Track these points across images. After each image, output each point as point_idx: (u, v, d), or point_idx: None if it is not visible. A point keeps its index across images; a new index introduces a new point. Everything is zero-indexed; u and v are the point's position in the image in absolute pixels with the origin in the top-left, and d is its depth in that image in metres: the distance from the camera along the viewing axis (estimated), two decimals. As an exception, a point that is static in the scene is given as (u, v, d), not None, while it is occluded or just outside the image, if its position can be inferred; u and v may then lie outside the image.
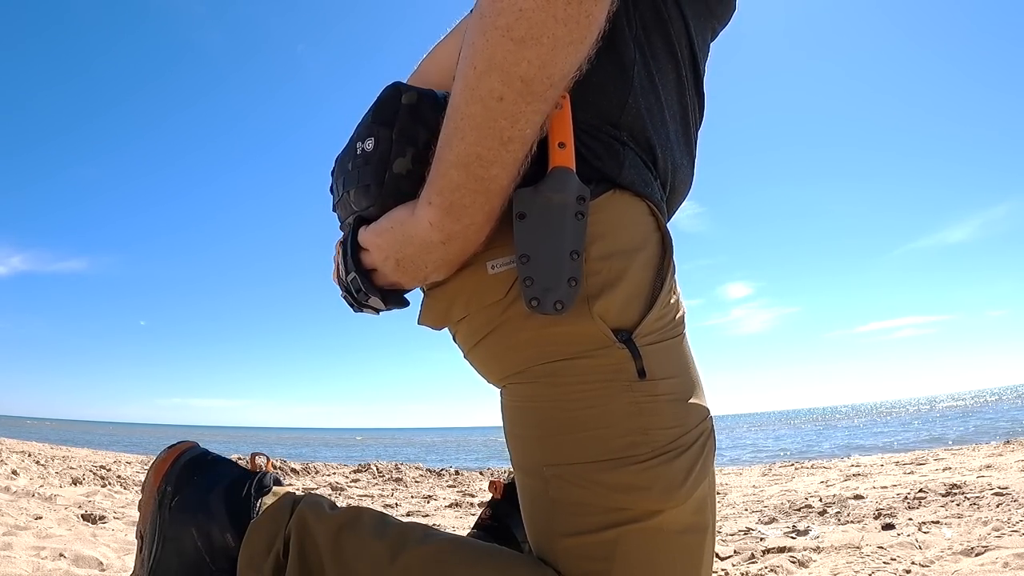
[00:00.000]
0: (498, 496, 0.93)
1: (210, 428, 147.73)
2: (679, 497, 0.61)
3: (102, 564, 1.91)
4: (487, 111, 0.52)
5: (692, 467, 0.62)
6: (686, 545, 0.63)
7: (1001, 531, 2.02)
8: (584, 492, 0.61)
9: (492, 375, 0.68)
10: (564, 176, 0.58)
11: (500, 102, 0.51)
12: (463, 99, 0.53)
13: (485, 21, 0.50)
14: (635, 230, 0.63)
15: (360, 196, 0.64)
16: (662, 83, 0.68)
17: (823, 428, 23.71)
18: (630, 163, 0.64)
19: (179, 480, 0.74)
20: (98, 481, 4.25)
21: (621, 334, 0.60)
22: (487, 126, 0.52)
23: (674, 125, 0.70)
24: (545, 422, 0.62)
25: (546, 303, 0.57)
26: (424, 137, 0.60)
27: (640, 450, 0.60)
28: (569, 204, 0.58)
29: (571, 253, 0.58)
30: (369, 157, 0.62)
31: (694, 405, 0.64)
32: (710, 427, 0.66)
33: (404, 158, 0.60)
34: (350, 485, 4.88)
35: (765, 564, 1.93)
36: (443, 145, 0.55)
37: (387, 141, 0.61)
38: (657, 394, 0.61)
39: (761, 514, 2.94)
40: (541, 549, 0.65)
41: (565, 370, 0.61)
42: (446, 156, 0.55)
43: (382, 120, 0.62)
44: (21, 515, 2.56)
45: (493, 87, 0.51)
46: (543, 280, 0.57)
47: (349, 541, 0.67)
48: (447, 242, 0.58)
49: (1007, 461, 4.01)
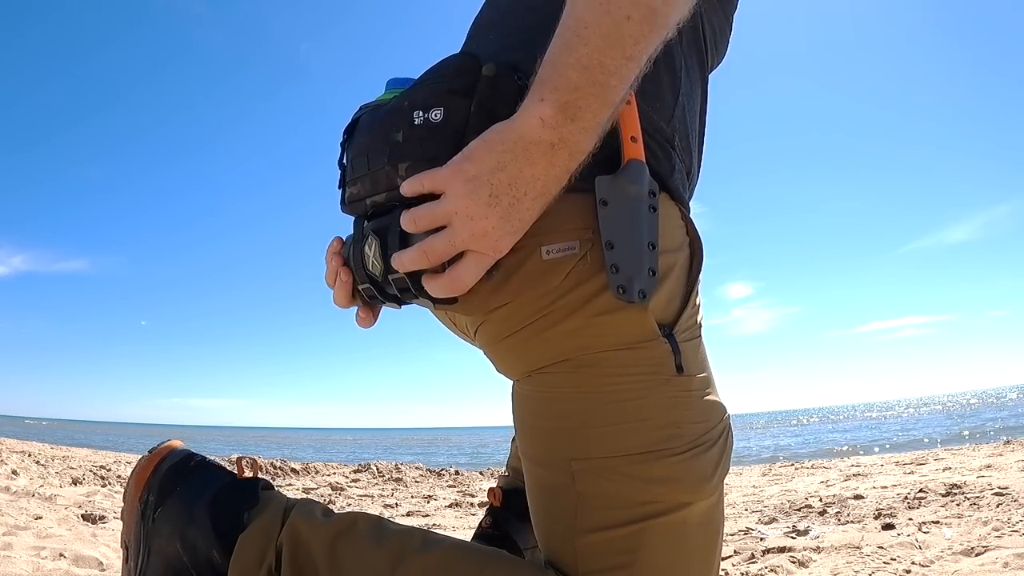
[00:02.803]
0: (497, 504, 0.92)
1: (210, 428, 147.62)
2: (708, 489, 0.62)
3: (102, 564, 1.91)
4: (615, 24, 0.52)
5: (718, 461, 0.63)
6: (704, 538, 0.64)
7: (1001, 531, 2.02)
8: (616, 485, 0.61)
9: (524, 365, 0.65)
10: (640, 168, 0.59)
11: (628, 20, 0.52)
12: (588, 9, 0.52)
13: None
14: (676, 233, 0.65)
15: (421, 170, 0.56)
16: (695, 91, 0.72)
17: (823, 428, 23.70)
18: (678, 168, 0.66)
19: (161, 489, 0.70)
20: (98, 481, 4.25)
21: (664, 329, 0.61)
22: (614, 36, 0.52)
23: (699, 130, 0.74)
24: (579, 413, 0.62)
25: (632, 291, 0.57)
26: (504, 113, 0.55)
27: (676, 443, 0.60)
28: (644, 196, 0.59)
29: (649, 244, 0.59)
30: (437, 128, 0.57)
31: (716, 402, 0.65)
32: (729, 424, 0.67)
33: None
34: (350, 485, 4.88)
35: (765, 564, 1.93)
36: (560, 49, 0.53)
37: (463, 111, 0.57)
38: (691, 389, 0.62)
39: (761, 514, 2.94)
40: (555, 546, 0.64)
41: (610, 361, 0.60)
42: (564, 59, 0.53)
43: (459, 89, 0.57)
44: (21, 515, 2.56)
45: (622, 4, 0.51)
46: (627, 268, 0.57)
47: (346, 551, 0.64)
48: (557, 145, 0.53)
49: (1007, 461, 4.01)
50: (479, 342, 0.70)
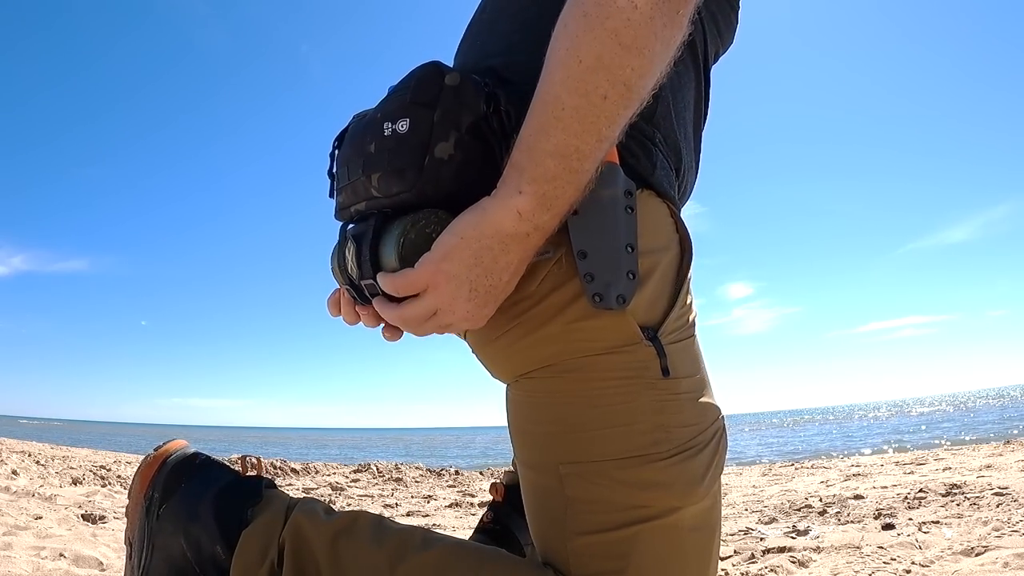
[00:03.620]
0: (499, 499, 0.92)
1: (210, 428, 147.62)
2: (698, 494, 0.61)
3: (102, 564, 1.91)
4: (592, 107, 0.52)
5: (710, 464, 0.63)
6: (697, 542, 0.63)
7: (1001, 531, 2.02)
8: (603, 489, 0.61)
9: (509, 370, 0.67)
10: (612, 171, 0.58)
11: (604, 101, 0.52)
12: (565, 89, 0.52)
13: (591, 20, 0.50)
14: (661, 231, 0.64)
15: (390, 181, 0.58)
16: (687, 84, 0.70)
17: (823, 428, 23.71)
18: (660, 164, 0.65)
19: (166, 486, 0.71)
20: (98, 481, 4.25)
21: (647, 331, 0.61)
22: (590, 119, 0.52)
23: (691, 126, 0.72)
24: (566, 418, 0.62)
25: (609, 298, 0.57)
26: (468, 121, 0.57)
27: (663, 447, 0.60)
28: (619, 199, 0.58)
29: (626, 247, 0.58)
30: (405, 139, 0.58)
31: (709, 404, 0.65)
32: (722, 426, 0.67)
33: (447, 142, 0.57)
34: (350, 485, 4.88)
35: (765, 564, 1.93)
36: (536, 132, 0.53)
37: (427, 123, 0.57)
38: (679, 392, 0.62)
39: (761, 514, 2.93)
40: (549, 548, 0.65)
41: (593, 365, 0.60)
42: (542, 145, 0.53)
43: (422, 100, 0.58)
44: (21, 515, 2.56)
45: (599, 84, 0.51)
46: (603, 275, 0.57)
47: (346, 549, 0.65)
48: (532, 234, 0.56)
49: (1007, 461, 4.01)
50: (470, 346, 0.71)
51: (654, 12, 0.50)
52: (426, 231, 0.58)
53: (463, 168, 0.57)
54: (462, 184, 0.58)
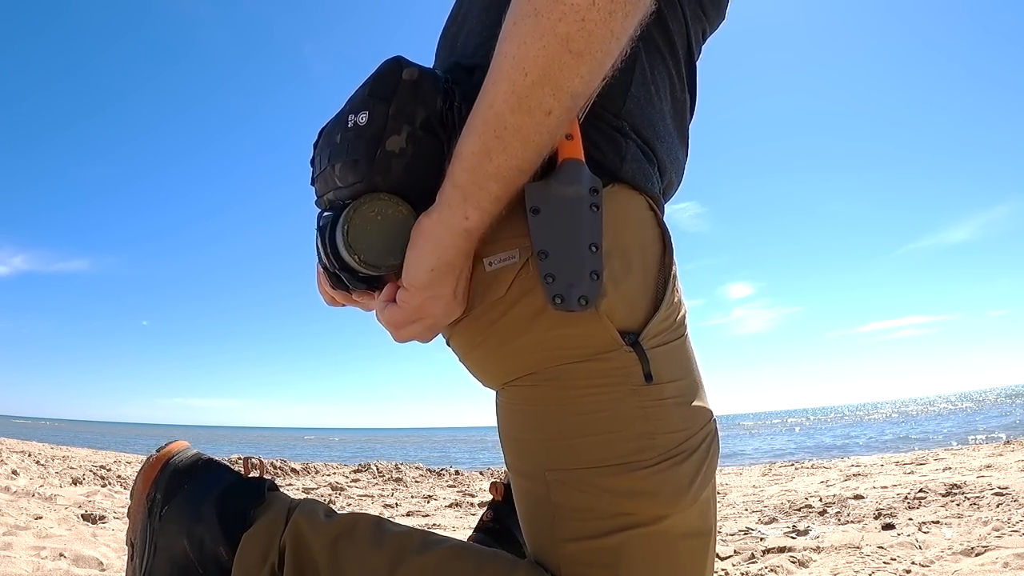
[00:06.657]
0: (499, 498, 0.92)
1: (210, 428, 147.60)
2: (685, 501, 0.60)
3: (102, 564, 1.91)
4: (535, 124, 0.50)
5: (698, 470, 0.61)
6: (690, 548, 0.62)
7: (1001, 531, 2.02)
8: (588, 497, 0.60)
9: (492, 379, 0.66)
10: (576, 168, 0.56)
11: (548, 116, 0.50)
12: (509, 106, 0.50)
13: (542, 23, 0.48)
14: (637, 226, 0.62)
15: (347, 171, 0.60)
16: (660, 75, 0.67)
17: (823, 428, 23.71)
18: (632, 156, 0.62)
19: (169, 487, 0.71)
20: (98, 481, 4.25)
21: (628, 336, 0.59)
22: (532, 139, 0.51)
23: (670, 117, 0.69)
24: (548, 426, 0.61)
25: (570, 299, 0.55)
26: (422, 116, 0.58)
27: (647, 455, 0.59)
28: (583, 196, 0.56)
29: (590, 246, 0.56)
30: (361, 131, 0.59)
31: (699, 408, 0.63)
32: (714, 429, 0.65)
33: (399, 136, 0.58)
34: (350, 485, 4.88)
35: (765, 564, 1.94)
36: (479, 154, 0.53)
37: (383, 116, 0.58)
38: (664, 398, 0.60)
39: (761, 514, 2.93)
40: (541, 554, 0.65)
41: (571, 373, 0.59)
42: (484, 167, 0.53)
43: (379, 94, 0.59)
44: (21, 515, 2.56)
45: (544, 100, 0.49)
46: (565, 276, 0.55)
47: (346, 552, 0.65)
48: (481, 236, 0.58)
49: (1007, 461, 4.01)
50: (456, 356, 0.70)
51: (615, 5, 0.47)
52: (369, 214, 0.59)
53: (414, 162, 0.58)
54: (413, 177, 0.59)
